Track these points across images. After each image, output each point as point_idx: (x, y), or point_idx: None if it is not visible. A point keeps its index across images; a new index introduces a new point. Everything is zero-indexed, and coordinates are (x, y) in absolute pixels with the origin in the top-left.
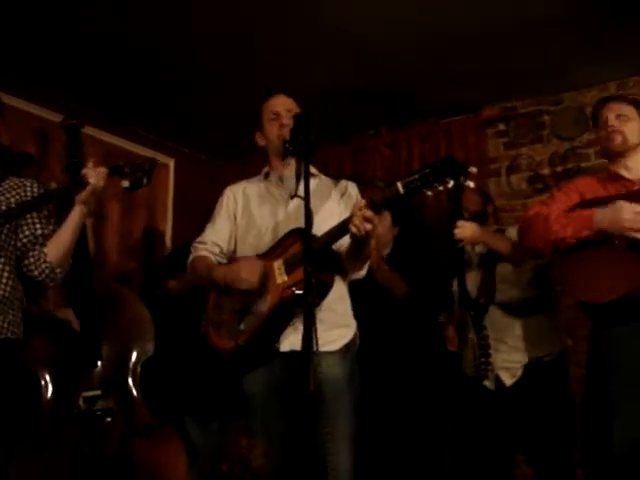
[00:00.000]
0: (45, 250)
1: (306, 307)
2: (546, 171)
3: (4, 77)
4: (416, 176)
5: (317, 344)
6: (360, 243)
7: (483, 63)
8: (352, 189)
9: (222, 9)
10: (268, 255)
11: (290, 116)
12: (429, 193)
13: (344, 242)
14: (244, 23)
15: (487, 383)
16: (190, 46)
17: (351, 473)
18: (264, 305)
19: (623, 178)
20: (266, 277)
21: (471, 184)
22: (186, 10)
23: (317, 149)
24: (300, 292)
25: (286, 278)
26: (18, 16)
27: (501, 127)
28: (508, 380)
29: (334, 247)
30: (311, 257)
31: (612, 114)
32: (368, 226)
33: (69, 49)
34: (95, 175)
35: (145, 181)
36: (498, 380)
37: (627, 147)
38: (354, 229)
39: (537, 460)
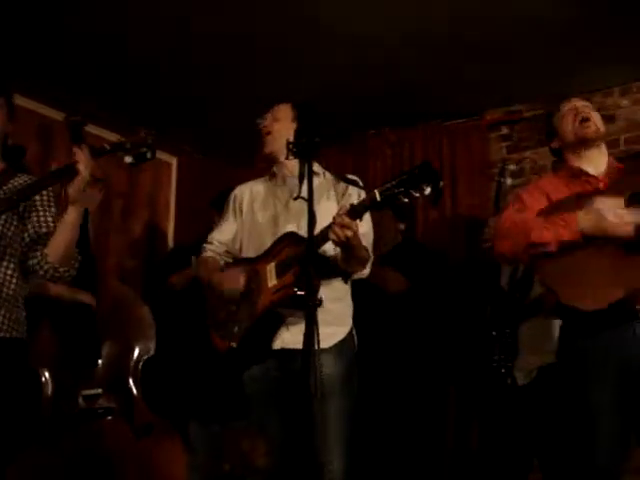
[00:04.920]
0: (46, 251)
1: (307, 308)
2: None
3: (6, 75)
4: (393, 182)
5: (318, 344)
6: (345, 248)
7: (487, 66)
8: (353, 192)
9: (223, 9)
10: (263, 258)
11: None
12: (406, 200)
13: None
14: (245, 24)
15: (508, 379)
16: (191, 46)
17: (345, 472)
18: (255, 307)
19: (587, 174)
20: (259, 280)
21: (509, 182)
22: (186, 10)
23: (319, 150)
24: (302, 293)
25: (275, 281)
26: (21, 15)
27: (505, 131)
28: (521, 380)
29: (332, 253)
30: (313, 259)
31: (582, 104)
32: (348, 232)
33: (72, 47)
34: (83, 163)
35: (149, 155)
36: (514, 379)
37: (598, 137)
38: (332, 236)
39: (546, 467)
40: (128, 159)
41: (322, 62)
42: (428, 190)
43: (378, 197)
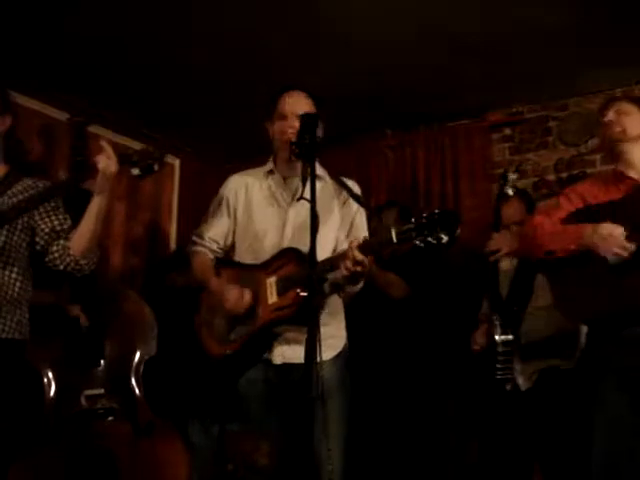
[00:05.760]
0: (68, 244)
1: (310, 314)
2: (552, 177)
3: (10, 75)
4: (411, 226)
5: (320, 353)
6: (353, 277)
7: (489, 67)
8: (353, 204)
9: (224, 11)
10: (263, 269)
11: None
12: (422, 245)
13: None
14: (246, 25)
15: (507, 386)
16: (193, 47)
17: (344, 473)
18: (253, 320)
19: (628, 177)
20: (258, 291)
21: (510, 192)
22: (186, 10)
23: (322, 151)
24: (304, 294)
25: (276, 299)
26: (24, 15)
27: (507, 132)
28: (523, 385)
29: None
30: (314, 261)
31: (611, 110)
32: (358, 268)
33: (74, 48)
34: (104, 160)
35: (156, 167)
36: (516, 384)
37: (626, 138)
38: (345, 271)
39: (548, 470)
40: (135, 171)
41: (323, 63)
42: (445, 239)
43: (394, 239)
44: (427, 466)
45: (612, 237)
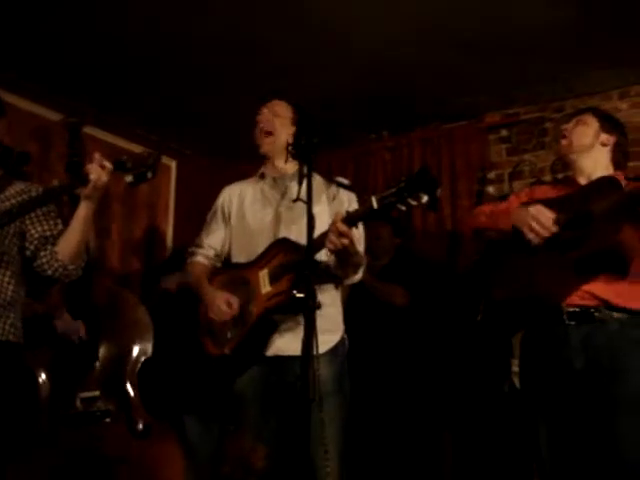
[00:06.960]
0: (56, 249)
1: (307, 310)
2: (548, 178)
3: (5, 75)
4: (392, 190)
5: (317, 349)
6: (340, 255)
7: (486, 69)
8: (344, 195)
9: (223, 11)
10: (256, 264)
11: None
12: (403, 208)
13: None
14: (245, 25)
15: (504, 387)
16: (190, 47)
17: (340, 475)
18: (249, 315)
19: (576, 182)
20: (251, 287)
21: (491, 189)
22: (186, 11)
23: (319, 153)
24: (301, 295)
25: (269, 288)
26: (19, 15)
27: (503, 133)
28: (519, 384)
29: (326, 257)
30: (309, 264)
31: (573, 120)
32: (344, 241)
33: (71, 48)
34: (97, 170)
35: (150, 175)
36: (512, 385)
37: (571, 150)
38: (329, 245)
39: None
40: (128, 178)
41: (322, 63)
42: (425, 199)
43: (375, 205)
44: (423, 468)
45: (539, 216)
